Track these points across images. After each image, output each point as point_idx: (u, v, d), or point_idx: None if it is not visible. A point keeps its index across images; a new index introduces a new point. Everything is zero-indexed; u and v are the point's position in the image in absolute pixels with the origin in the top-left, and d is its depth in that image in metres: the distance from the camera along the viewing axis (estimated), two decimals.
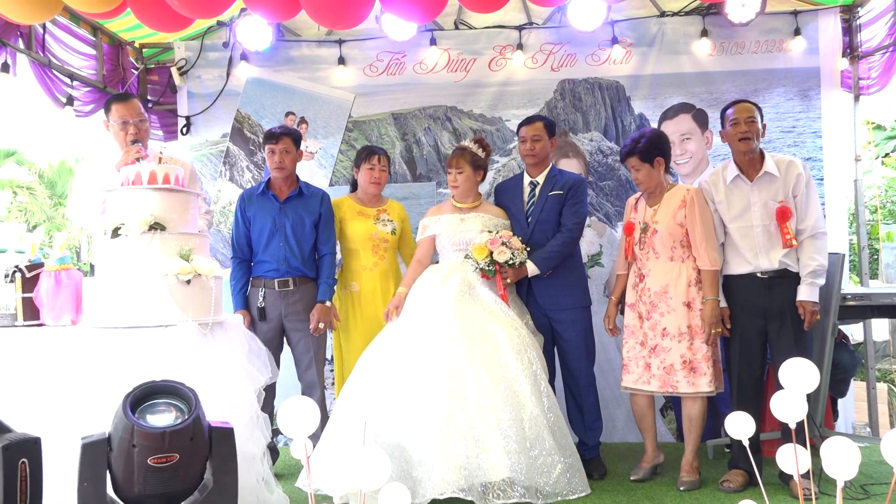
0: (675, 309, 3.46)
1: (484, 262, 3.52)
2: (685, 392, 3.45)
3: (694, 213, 3.47)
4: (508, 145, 4.83)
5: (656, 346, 3.50)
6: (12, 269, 2.98)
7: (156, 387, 2.29)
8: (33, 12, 3.22)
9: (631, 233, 3.63)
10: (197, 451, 2.24)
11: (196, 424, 2.22)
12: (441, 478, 2.94)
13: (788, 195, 3.38)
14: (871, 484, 3.36)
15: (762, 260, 3.39)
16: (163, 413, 2.23)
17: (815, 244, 3.35)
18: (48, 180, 15.26)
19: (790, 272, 3.37)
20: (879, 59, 4.56)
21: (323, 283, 3.78)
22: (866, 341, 4.77)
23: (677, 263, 3.51)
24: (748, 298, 3.42)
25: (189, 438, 2.20)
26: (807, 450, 1.70)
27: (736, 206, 3.46)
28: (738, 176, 3.45)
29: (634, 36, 4.77)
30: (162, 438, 2.15)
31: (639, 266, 3.61)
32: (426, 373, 3.21)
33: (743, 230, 3.44)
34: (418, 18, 3.69)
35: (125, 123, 3.46)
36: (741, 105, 3.47)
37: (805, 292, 3.33)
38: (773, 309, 3.37)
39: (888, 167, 10.37)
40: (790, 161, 3.44)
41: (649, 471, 3.62)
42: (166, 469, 2.17)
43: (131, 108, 3.51)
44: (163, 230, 2.81)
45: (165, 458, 2.16)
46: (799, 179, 3.38)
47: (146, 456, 2.15)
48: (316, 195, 3.89)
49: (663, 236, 3.51)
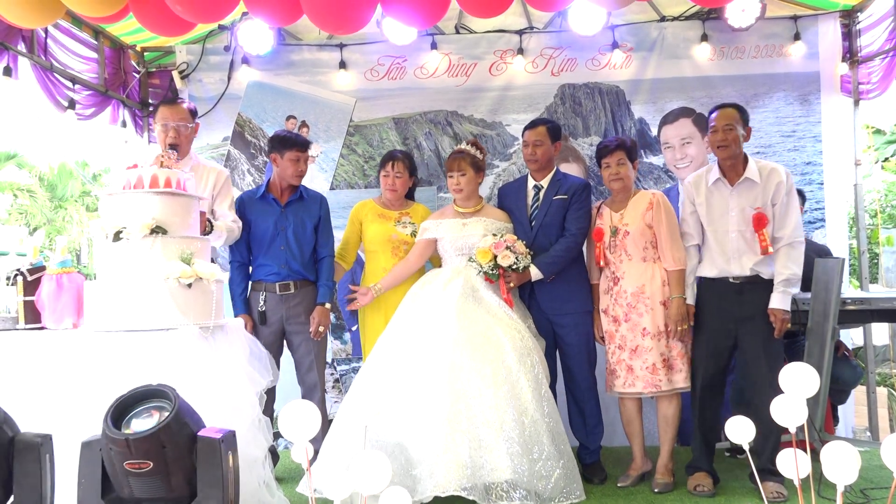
0: (653, 308, 3.51)
1: (487, 266, 3.53)
2: (665, 390, 3.50)
3: (661, 214, 3.54)
4: (509, 150, 4.84)
5: (637, 346, 3.53)
6: (14, 272, 2.98)
7: (149, 391, 2.27)
8: (36, 16, 3.23)
9: (601, 238, 3.66)
10: (178, 460, 2.19)
11: (167, 434, 2.16)
12: (443, 476, 2.94)
13: (767, 202, 3.42)
14: (871, 488, 3.36)
15: (734, 266, 3.45)
16: (147, 418, 2.21)
17: (790, 253, 3.40)
18: (49, 183, 15.29)
19: (762, 279, 3.43)
20: (880, 64, 4.57)
21: (322, 285, 3.80)
22: (866, 346, 4.77)
23: (650, 264, 3.57)
24: (719, 303, 3.48)
25: (160, 447, 2.15)
26: (807, 454, 1.70)
27: (715, 210, 3.51)
28: (720, 179, 3.50)
29: (635, 40, 4.79)
30: (126, 445, 2.13)
31: (612, 270, 3.64)
32: (429, 373, 3.21)
33: (719, 234, 3.49)
34: (419, 23, 3.70)
35: (165, 126, 3.56)
36: (721, 112, 3.50)
37: (777, 300, 3.37)
38: (743, 314, 3.43)
39: (888, 171, 10.38)
40: (773, 168, 3.47)
41: (637, 479, 3.64)
42: (144, 475, 2.15)
43: (175, 111, 3.62)
44: (164, 234, 2.81)
45: (138, 464, 2.14)
46: (779, 187, 3.42)
47: (122, 461, 2.15)
48: (315, 199, 3.91)
49: (635, 237, 3.56)
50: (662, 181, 4.74)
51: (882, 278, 7.11)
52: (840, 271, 3.59)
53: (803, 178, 4.70)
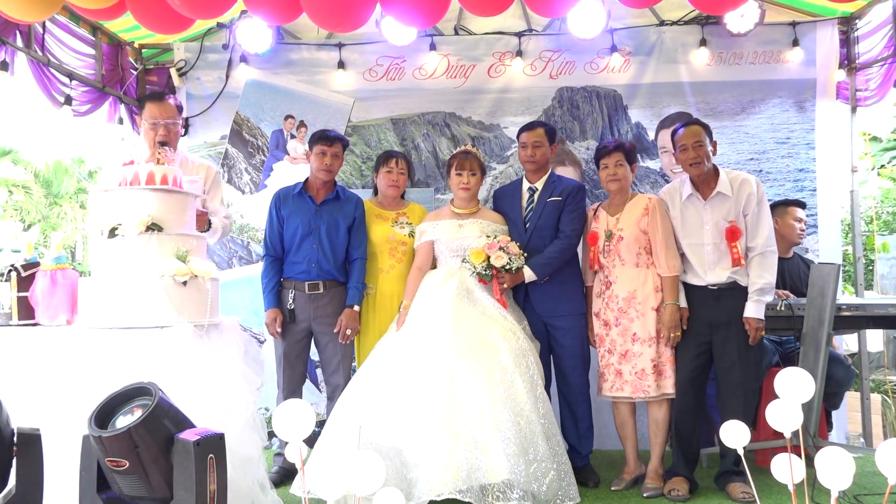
0: (644, 314, 3.52)
1: (481, 266, 3.52)
2: (653, 396, 3.52)
3: (656, 220, 3.55)
4: (506, 153, 4.84)
5: (627, 351, 3.54)
6: (8, 267, 2.97)
7: (137, 390, 2.26)
8: (33, 10, 3.21)
9: (595, 242, 3.67)
10: (154, 461, 2.16)
11: (139, 434, 2.13)
12: (438, 479, 2.93)
13: (739, 214, 3.47)
14: (864, 495, 3.36)
15: (710, 276, 3.50)
16: (127, 417, 2.19)
17: (763, 262, 3.45)
18: (44, 179, 15.24)
19: (739, 285, 3.48)
20: (878, 71, 4.58)
21: (352, 287, 3.77)
22: (861, 352, 4.78)
23: (643, 269, 3.57)
24: (697, 309, 3.52)
25: (132, 447, 2.13)
26: (801, 459, 1.70)
27: (689, 224, 3.55)
28: (693, 194, 3.54)
29: (633, 44, 4.79)
30: (101, 443, 2.13)
31: (605, 274, 3.65)
32: (424, 375, 3.21)
33: (694, 247, 3.53)
34: (419, 23, 3.70)
35: (155, 124, 3.48)
36: (688, 130, 3.54)
37: (751, 309, 3.42)
38: (719, 320, 3.47)
39: (884, 178, 10.42)
40: (744, 179, 3.51)
41: (630, 482, 3.64)
42: (124, 473, 2.14)
43: (164, 109, 3.53)
44: (160, 231, 2.80)
45: (116, 462, 2.13)
46: (750, 198, 3.46)
47: (103, 458, 2.14)
48: (351, 199, 3.89)
49: (629, 242, 3.57)
50: (659, 185, 4.74)
51: (877, 284, 7.14)
52: (836, 277, 3.60)
53: (796, 184, 4.72)
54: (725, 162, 4.52)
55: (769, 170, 4.71)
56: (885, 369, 6.19)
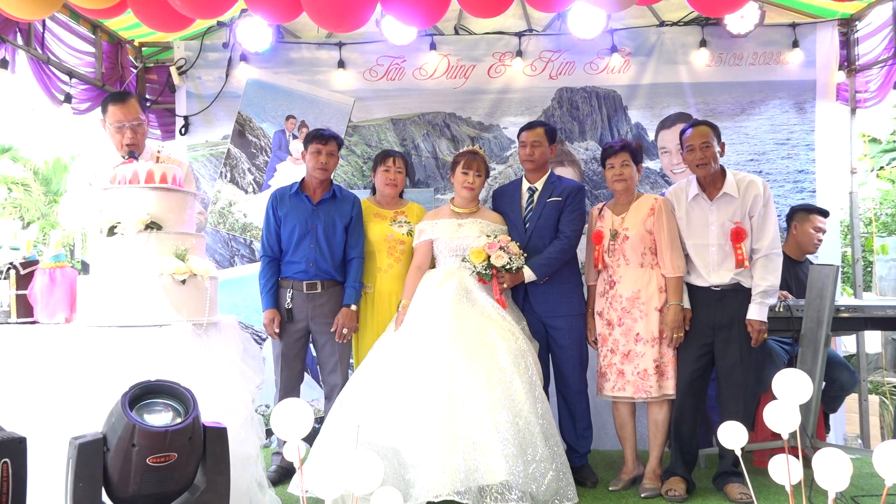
0: (648, 314, 3.52)
1: (481, 266, 3.52)
2: (654, 396, 3.52)
3: (662, 220, 3.55)
4: (506, 153, 4.84)
5: (629, 351, 3.54)
6: (6, 265, 2.97)
7: (151, 386, 2.28)
8: (33, 8, 3.21)
9: (600, 241, 3.67)
10: (193, 451, 2.25)
11: (195, 424, 2.23)
12: (436, 479, 2.93)
13: (745, 216, 3.47)
14: (861, 496, 3.37)
15: (714, 277, 3.50)
16: (160, 413, 2.23)
17: (768, 264, 3.44)
18: (43, 177, 15.21)
19: (742, 287, 3.48)
20: (878, 73, 4.58)
21: (350, 286, 3.78)
22: (859, 353, 4.78)
23: (647, 269, 3.57)
24: (700, 310, 3.52)
25: (188, 438, 2.20)
26: (799, 460, 1.70)
27: (695, 224, 3.55)
28: (699, 195, 3.54)
29: (633, 45, 4.79)
30: (164, 438, 2.15)
31: (609, 273, 3.65)
32: (423, 376, 3.21)
33: (698, 248, 3.53)
34: (419, 22, 3.70)
35: (121, 127, 3.34)
36: (696, 131, 3.53)
37: (754, 311, 3.43)
38: (722, 321, 3.47)
39: (883, 180, 10.43)
40: (751, 180, 3.51)
41: (628, 482, 3.65)
42: (163, 469, 2.17)
43: (128, 110, 3.35)
44: (159, 229, 2.80)
45: (164, 457, 2.16)
46: (756, 200, 3.46)
47: (145, 455, 2.14)
48: (348, 199, 3.89)
49: (634, 242, 3.57)
50: (659, 185, 4.74)
51: (876, 286, 7.14)
52: (834, 278, 3.61)
53: (795, 185, 4.72)
54: (725, 163, 4.49)
55: (769, 171, 4.71)
56: (884, 371, 6.20)
